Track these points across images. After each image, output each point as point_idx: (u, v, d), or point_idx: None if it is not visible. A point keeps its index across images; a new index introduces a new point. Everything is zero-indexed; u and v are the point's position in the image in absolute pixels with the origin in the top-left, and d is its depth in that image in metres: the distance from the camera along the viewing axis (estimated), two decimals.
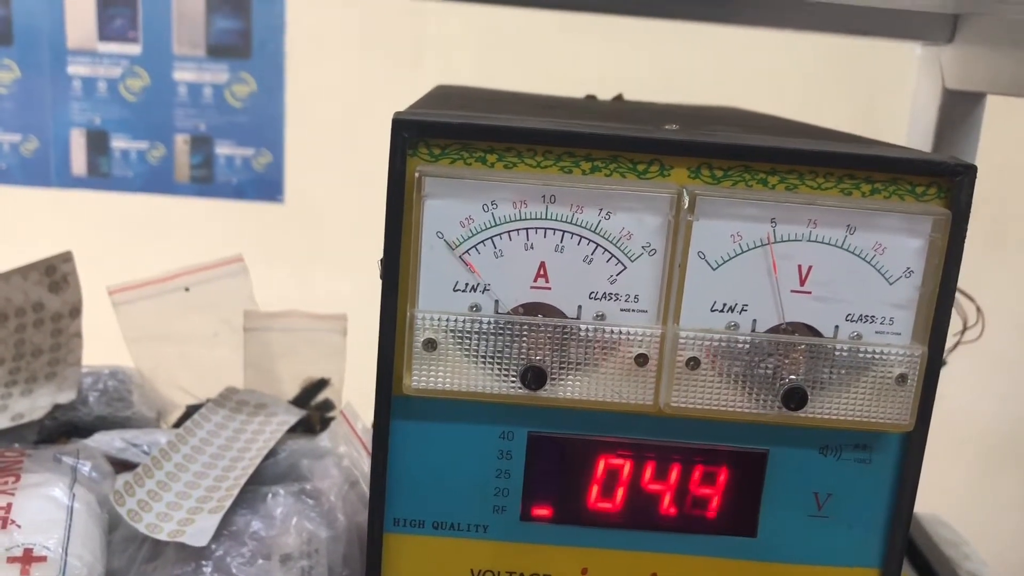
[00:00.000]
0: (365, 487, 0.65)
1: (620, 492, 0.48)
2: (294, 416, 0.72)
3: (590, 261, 0.44)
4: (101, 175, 1.71)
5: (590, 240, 0.44)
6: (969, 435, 1.70)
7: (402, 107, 0.46)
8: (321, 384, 0.79)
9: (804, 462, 0.47)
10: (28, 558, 0.53)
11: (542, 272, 0.45)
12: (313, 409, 0.78)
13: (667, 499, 0.48)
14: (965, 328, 0.78)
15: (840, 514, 0.48)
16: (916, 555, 0.76)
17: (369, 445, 0.68)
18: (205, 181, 1.71)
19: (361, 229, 1.25)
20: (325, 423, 0.76)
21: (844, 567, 0.49)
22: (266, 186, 1.71)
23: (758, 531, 0.48)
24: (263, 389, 0.76)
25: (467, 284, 0.45)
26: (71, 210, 1.71)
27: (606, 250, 0.44)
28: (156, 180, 1.71)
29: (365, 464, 0.67)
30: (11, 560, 0.53)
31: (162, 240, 1.66)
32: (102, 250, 1.00)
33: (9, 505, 0.56)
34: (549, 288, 0.45)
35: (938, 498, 0.80)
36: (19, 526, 0.54)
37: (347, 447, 0.67)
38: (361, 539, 0.62)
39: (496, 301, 0.45)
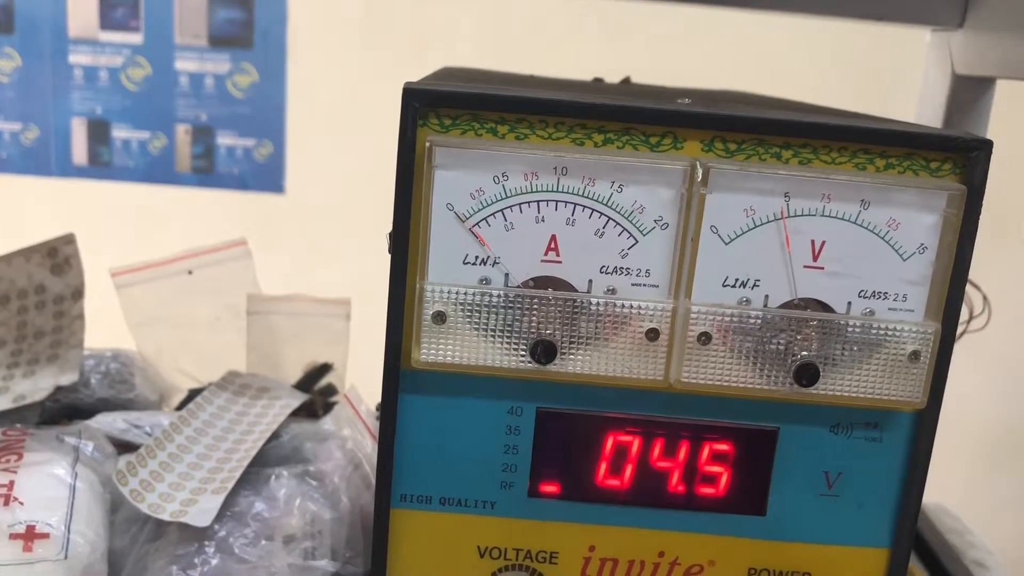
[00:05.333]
0: (368, 469, 0.64)
1: (629, 469, 0.47)
2: (297, 400, 0.72)
3: (601, 235, 0.44)
4: (102, 164, 1.70)
5: (602, 213, 0.44)
6: (970, 430, 1.70)
7: None
8: (324, 369, 0.79)
9: (815, 440, 0.47)
10: (31, 535, 0.52)
11: (553, 245, 0.44)
12: (316, 393, 0.77)
13: (676, 476, 0.47)
14: (972, 317, 0.78)
15: (850, 493, 0.48)
16: (920, 543, 0.75)
17: (373, 428, 0.68)
18: (206, 171, 1.70)
19: (363, 219, 1.25)
20: (328, 408, 0.75)
21: (854, 546, 0.48)
22: (267, 176, 1.71)
23: (767, 509, 0.48)
24: (266, 373, 0.76)
25: (477, 257, 0.44)
26: (72, 199, 1.71)
27: (618, 223, 0.44)
28: (157, 170, 1.70)
29: (368, 447, 0.66)
30: (14, 537, 0.52)
31: (163, 230, 1.65)
32: (103, 240, 0.99)
33: (12, 483, 0.55)
34: (560, 262, 0.44)
35: (939, 493, 0.80)
36: (22, 503, 0.54)
37: (351, 430, 0.67)
38: (364, 521, 0.62)
39: (506, 274, 0.44)
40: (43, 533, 0.53)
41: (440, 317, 0.44)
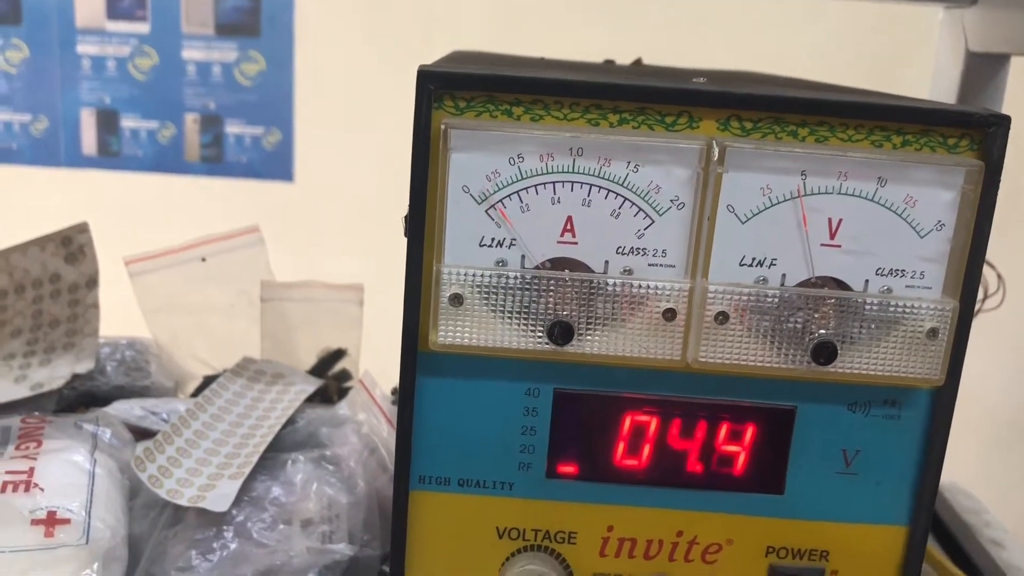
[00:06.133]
0: (384, 453, 0.65)
1: (646, 449, 0.47)
2: (312, 385, 0.72)
3: (617, 215, 0.44)
4: (111, 154, 1.70)
5: (618, 194, 0.44)
6: (984, 409, 1.69)
7: (411, 85, 0.44)
8: (338, 354, 0.79)
9: (832, 418, 0.47)
10: (52, 520, 0.53)
11: (569, 226, 0.44)
12: (330, 379, 0.77)
13: (694, 456, 0.47)
14: (986, 296, 0.78)
15: (868, 471, 0.48)
16: (936, 522, 0.75)
17: (388, 412, 0.68)
18: (215, 160, 1.70)
19: (372, 204, 1.25)
20: (342, 393, 0.76)
21: (872, 524, 0.48)
22: (276, 164, 1.71)
23: (785, 488, 0.48)
24: (280, 359, 0.76)
25: (493, 239, 0.44)
26: (81, 189, 1.71)
27: (634, 204, 0.44)
28: (166, 159, 1.71)
29: (384, 431, 0.66)
30: (35, 522, 0.53)
31: (172, 219, 1.65)
32: (112, 230, 0.99)
33: (32, 469, 0.56)
34: (576, 243, 0.44)
35: (951, 472, 0.80)
36: (42, 489, 0.54)
37: (366, 414, 0.67)
38: (381, 504, 0.62)
39: (523, 256, 0.44)
40: (64, 518, 0.53)
41: (457, 299, 0.44)
